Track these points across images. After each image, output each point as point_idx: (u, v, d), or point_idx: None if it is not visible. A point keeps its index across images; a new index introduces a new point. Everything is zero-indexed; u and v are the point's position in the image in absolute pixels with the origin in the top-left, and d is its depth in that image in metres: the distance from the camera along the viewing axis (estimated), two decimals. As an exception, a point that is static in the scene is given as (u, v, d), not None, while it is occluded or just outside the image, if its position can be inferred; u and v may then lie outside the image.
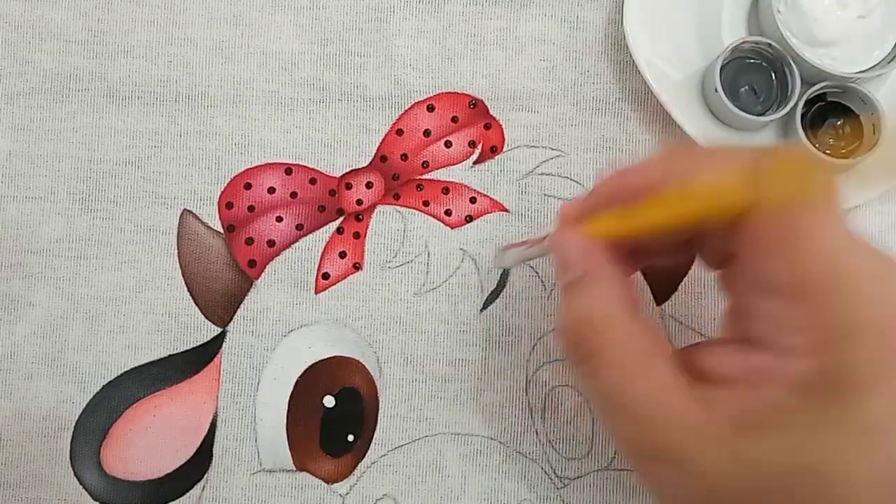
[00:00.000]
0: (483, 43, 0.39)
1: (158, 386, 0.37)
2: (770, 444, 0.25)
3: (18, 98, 0.38)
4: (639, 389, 0.27)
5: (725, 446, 0.25)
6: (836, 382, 0.24)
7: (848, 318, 0.24)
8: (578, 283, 0.28)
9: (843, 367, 0.24)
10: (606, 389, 0.27)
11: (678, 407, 0.26)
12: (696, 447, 0.26)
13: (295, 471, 0.37)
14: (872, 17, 0.37)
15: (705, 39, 0.38)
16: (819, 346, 0.25)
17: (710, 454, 0.26)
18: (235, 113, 0.38)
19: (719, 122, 0.38)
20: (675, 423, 0.26)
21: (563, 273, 0.29)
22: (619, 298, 0.28)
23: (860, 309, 0.24)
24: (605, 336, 0.27)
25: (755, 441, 0.25)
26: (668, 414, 0.26)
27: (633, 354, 0.27)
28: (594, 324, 0.28)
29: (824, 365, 0.24)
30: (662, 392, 0.27)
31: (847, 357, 0.24)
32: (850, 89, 0.37)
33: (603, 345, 0.27)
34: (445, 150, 0.38)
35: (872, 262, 0.25)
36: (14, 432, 0.37)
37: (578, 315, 0.28)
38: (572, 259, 0.28)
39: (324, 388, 0.37)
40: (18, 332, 0.37)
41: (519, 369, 0.37)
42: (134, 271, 0.38)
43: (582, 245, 0.28)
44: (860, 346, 0.24)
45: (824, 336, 0.24)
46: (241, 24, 0.39)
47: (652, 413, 0.26)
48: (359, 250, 0.38)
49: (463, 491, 0.37)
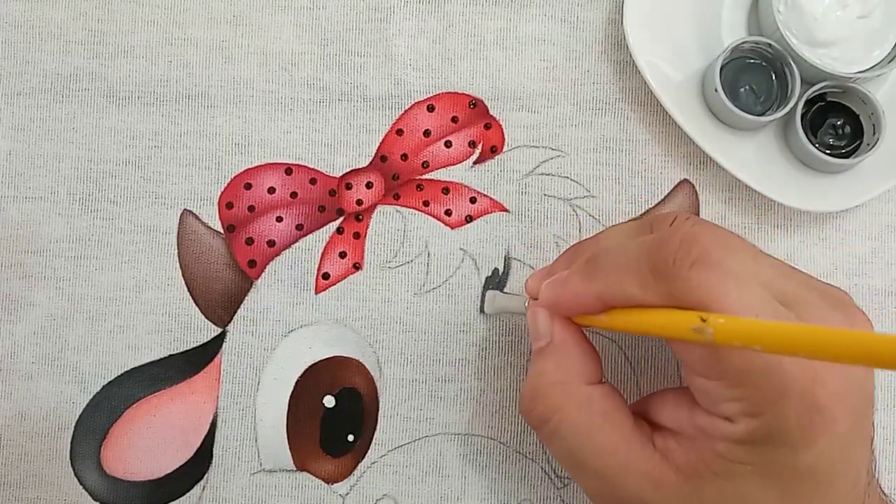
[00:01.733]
0: (483, 43, 0.39)
1: (158, 386, 0.37)
2: (722, 490, 0.27)
3: (18, 98, 0.38)
4: (596, 445, 0.29)
5: (681, 494, 0.27)
6: (774, 437, 0.26)
7: (772, 385, 0.26)
8: (543, 351, 0.31)
9: (777, 425, 0.26)
10: (566, 449, 0.30)
11: (636, 459, 0.28)
12: (656, 496, 0.28)
13: (295, 471, 0.37)
14: (872, 17, 0.37)
15: (705, 39, 0.38)
16: (752, 412, 0.26)
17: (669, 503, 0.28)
18: (235, 113, 0.38)
19: (719, 122, 0.38)
20: (635, 474, 0.28)
21: (534, 341, 0.32)
22: (578, 367, 0.30)
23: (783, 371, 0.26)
24: (561, 401, 0.30)
25: (709, 488, 0.27)
26: (627, 466, 0.28)
27: (589, 415, 0.29)
28: (551, 388, 0.30)
29: (759, 426, 0.26)
30: (622, 445, 0.29)
31: (778, 418, 0.26)
32: (850, 89, 0.37)
33: (558, 409, 0.30)
34: (445, 150, 0.38)
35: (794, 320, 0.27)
36: (14, 432, 0.37)
37: (537, 381, 0.31)
38: (541, 328, 0.31)
39: (324, 388, 0.37)
40: (18, 333, 0.37)
41: (519, 370, 0.37)
42: (134, 271, 0.38)
43: (548, 317, 0.31)
44: (788, 407, 0.26)
45: (754, 403, 0.26)
46: (241, 25, 0.39)
47: (611, 466, 0.29)
48: (359, 250, 0.38)
49: (463, 491, 0.37)
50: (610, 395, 0.30)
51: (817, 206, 0.37)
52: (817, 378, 0.26)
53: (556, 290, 0.31)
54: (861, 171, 0.37)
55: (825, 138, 0.37)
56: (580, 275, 0.30)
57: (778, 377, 0.25)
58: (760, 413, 0.26)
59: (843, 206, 0.37)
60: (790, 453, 0.26)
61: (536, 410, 0.30)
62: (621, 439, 0.29)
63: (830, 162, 0.36)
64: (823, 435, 0.26)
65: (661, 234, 0.29)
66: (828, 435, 0.26)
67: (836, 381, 0.26)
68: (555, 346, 0.31)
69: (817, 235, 0.39)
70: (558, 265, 0.33)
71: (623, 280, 0.28)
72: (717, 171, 0.38)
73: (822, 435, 0.26)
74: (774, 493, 0.27)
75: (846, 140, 0.37)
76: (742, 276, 0.26)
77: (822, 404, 0.26)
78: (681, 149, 0.39)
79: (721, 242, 0.27)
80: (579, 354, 0.31)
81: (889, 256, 0.39)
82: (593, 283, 0.29)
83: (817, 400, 0.26)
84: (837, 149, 0.37)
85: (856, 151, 0.37)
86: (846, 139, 0.37)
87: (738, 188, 0.38)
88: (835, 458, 0.26)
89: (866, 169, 0.37)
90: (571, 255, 0.33)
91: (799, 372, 0.25)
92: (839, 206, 0.37)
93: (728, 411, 0.27)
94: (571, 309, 0.31)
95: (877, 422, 0.38)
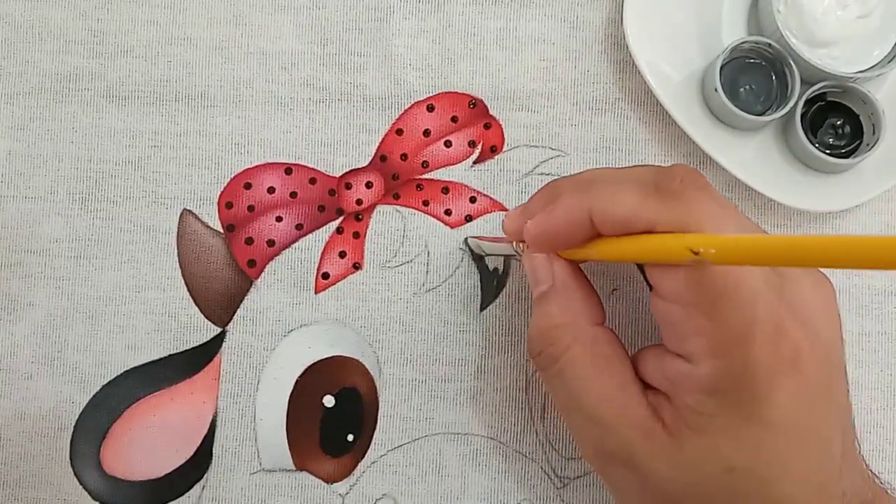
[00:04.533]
0: (483, 43, 0.39)
1: (158, 386, 0.37)
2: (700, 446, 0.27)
3: (18, 98, 0.38)
4: (597, 390, 0.29)
5: (666, 451, 0.27)
6: (739, 385, 0.26)
7: (741, 321, 0.26)
8: (546, 295, 0.31)
9: (743, 370, 0.26)
10: (569, 391, 0.30)
11: (631, 410, 0.28)
12: (645, 451, 0.28)
13: (295, 470, 0.37)
14: (872, 17, 0.37)
15: (705, 39, 0.38)
16: (717, 350, 0.26)
17: (656, 460, 0.28)
18: (235, 113, 0.38)
19: (719, 122, 0.38)
20: (629, 424, 0.28)
21: (534, 286, 0.31)
22: (582, 308, 0.30)
23: (754, 310, 0.26)
24: (568, 341, 0.30)
25: (688, 445, 0.27)
26: (622, 415, 0.28)
27: (593, 358, 0.29)
28: (558, 330, 0.30)
29: (725, 368, 0.26)
30: (618, 393, 0.29)
31: (744, 360, 0.26)
32: (850, 89, 0.37)
33: (566, 349, 0.30)
34: (445, 150, 0.38)
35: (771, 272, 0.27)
36: (14, 432, 0.37)
37: (544, 323, 0.30)
38: (540, 273, 0.31)
39: (324, 387, 0.37)
40: (18, 332, 0.37)
41: (518, 369, 0.37)
42: (134, 271, 0.38)
43: (548, 261, 0.31)
44: (754, 348, 0.26)
45: (721, 340, 0.26)
46: (240, 24, 0.39)
47: (608, 414, 0.29)
48: (358, 250, 0.38)
49: (462, 491, 0.37)
50: (613, 340, 0.30)
51: (817, 206, 0.37)
52: (782, 328, 0.26)
53: (543, 220, 0.30)
54: (861, 171, 0.37)
55: (825, 138, 0.37)
56: (570, 193, 0.30)
57: (746, 314, 0.26)
58: (725, 353, 0.26)
59: (842, 206, 0.37)
60: (755, 403, 0.26)
61: (546, 351, 0.30)
62: (620, 386, 0.29)
63: (830, 162, 0.36)
64: (787, 387, 0.26)
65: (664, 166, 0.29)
66: (792, 388, 0.26)
67: (801, 336, 0.26)
68: (557, 289, 0.31)
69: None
70: (534, 201, 0.33)
71: (620, 190, 0.28)
72: (716, 171, 0.38)
73: (786, 387, 0.26)
74: (747, 451, 0.26)
75: (846, 140, 0.37)
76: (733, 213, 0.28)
77: (786, 354, 0.26)
78: (680, 149, 0.39)
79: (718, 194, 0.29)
80: (583, 295, 0.31)
81: (889, 256, 0.38)
82: (586, 197, 0.29)
83: (781, 349, 0.26)
84: (837, 149, 0.37)
85: (856, 151, 0.37)
86: (846, 139, 0.37)
87: (738, 188, 0.38)
88: (802, 415, 0.26)
89: (866, 169, 0.37)
90: (548, 191, 0.32)
91: (766, 317, 0.26)
92: (839, 205, 0.37)
93: (694, 348, 0.27)
94: (560, 236, 0.30)
95: (876, 422, 0.38)
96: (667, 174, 0.28)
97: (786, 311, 0.26)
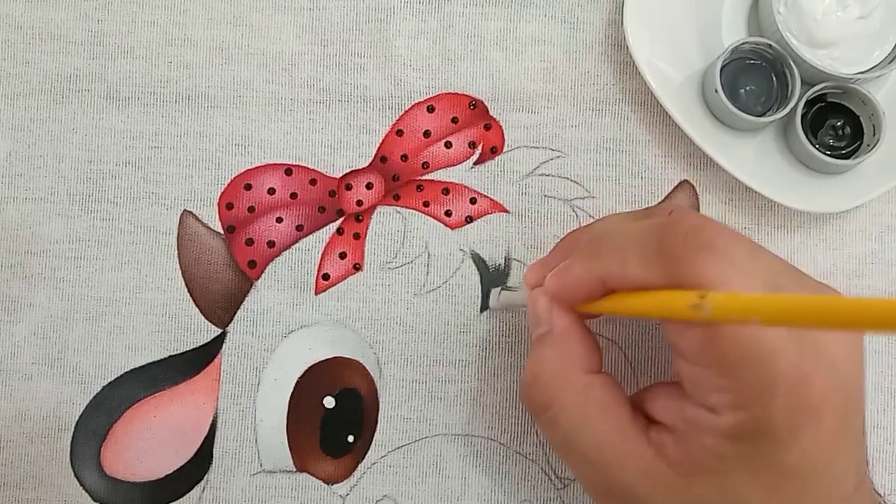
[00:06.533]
0: (483, 44, 0.39)
1: (158, 387, 0.37)
2: (712, 486, 0.27)
3: (18, 99, 0.38)
4: (592, 436, 0.29)
5: (672, 489, 0.28)
6: (762, 433, 0.26)
7: (762, 378, 0.26)
8: (543, 339, 0.31)
9: (764, 420, 0.26)
10: (563, 436, 0.30)
11: (631, 450, 0.29)
12: (648, 489, 0.28)
13: (295, 472, 0.37)
14: (872, 18, 0.37)
15: (705, 40, 0.38)
16: (739, 404, 0.26)
17: (660, 496, 0.28)
18: (235, 114, 0.38)
19: (719, 123, 0.38)
20: (629, 466, 0.28)
21: (533, 327, 0.32)
22: (578, 355, 0.30)
23: (775, 366, 0.26)
24: (558, 390, 0.30)
25: (698, 484, 0.27)
26: (622, 457, 0.29)
27: (585, 406, 0.29)
28: (550, 377, 0.30)
29: (747, 419, 0.26)
30: (617, 436, 0.29)
31: (765, 413, 0.26)
32: (850, 90, 0.37)
33: (559, 395, 0.30)
34: (445, 151, 0.38)
35: None
36: (14, 433, 0.37)
37: (537, 369, 0.31)
38: (540, 315, 0.31)
39: (324, 389, 0.37)
40: (18, 333, 0.37)
41: (519, 370, 0.37)
42: (134, 272, 0.38)
43: (549, 304, 0.31)
44: (775, 402, 0.26)
45: (743, 396, 0.26)
46: (241, 25, 0.39)
47: (605, 458, 0.29)
48: (359, 251, 0.38)
49: (463, 492, 0.37)
50: (609, 386, 0.30)
51: (817, 207, 0.37)
52: (805, 377, 0.26)
53: (559, 277, 0.31)
54: (861, 172, 0.37)
55: (825, 139, 0.37)
56: (582, 257, 0.30)
57: (768, 371, 0.26)
58: (747, 406, 0.26)
59: (843, 207, 0.37)
60: (776, 450, 0.26)
61: (536, 398, 0.30)
62: (617, 431, 0.29)
63: (830, 163, 0.36)
64: (810, 433, 0.26)
65: (669, 219, 0.29)
66: (814, 433, 0.26)
67: (824, 381, 0.26)
68: (555, 334, 0.31)
69: (817, 236, 0.39)
70: (554, 255, 0.33)
71: (626, 259, 0.28)
72: (717, 172, 0.38)
73: (809, 433, 0.26)
74: (762, 491, 0.27)
75: (846, 141, 0.37)
76: (743, 268, 0.27)
77: (810, 402, 0.26)
78: (681, 149, 0.39)
79: (725, 234, 0.28)
80: (579, 343, 0.31)
81: (889, 257, 0.39)
82: (595, 264, 0.29)
83: (804, 398, 0.26)
84: (837, 150, 0.37)
85: (856, 152, 0.37)
86: (846, 140, 0.37)
87: (739, 189, 0.38)
88: (821, 457, 0.26)
89: (866, 170, 0.37)
90: (566, 245, 0.33)
91: (788, 369, 0.26)
92: (839, 206, 0.37)
93: (716, 402, 0.27)
94: (575, 294, 0.30)
95: (877, 422, 0.38)
96: (671, 233, 0.28)
97: (808, 358, 0.26)
